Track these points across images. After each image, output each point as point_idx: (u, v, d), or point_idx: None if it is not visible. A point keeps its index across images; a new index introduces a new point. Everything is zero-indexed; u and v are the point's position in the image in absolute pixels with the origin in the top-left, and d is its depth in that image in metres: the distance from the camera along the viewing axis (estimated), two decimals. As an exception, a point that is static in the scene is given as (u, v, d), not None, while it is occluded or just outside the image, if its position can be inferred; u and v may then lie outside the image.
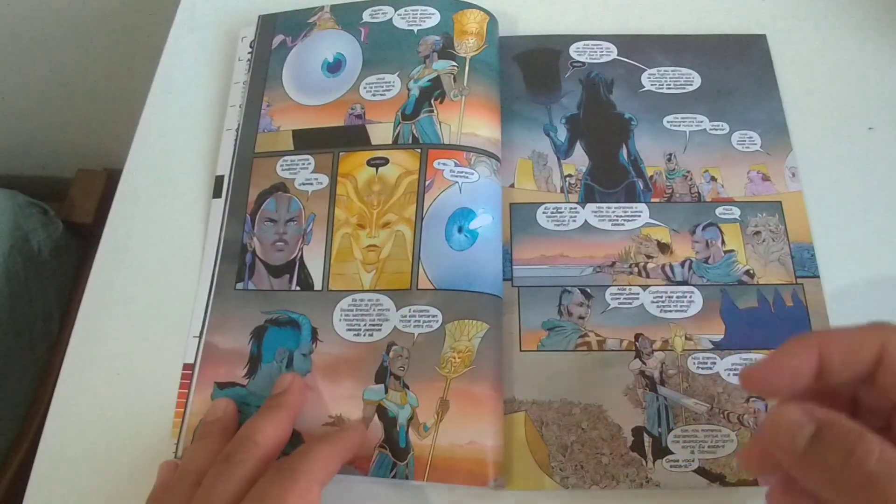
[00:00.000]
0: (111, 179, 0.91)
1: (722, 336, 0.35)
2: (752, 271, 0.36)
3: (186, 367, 0.35)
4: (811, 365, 0.23)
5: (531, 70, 0.43)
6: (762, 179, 0.39)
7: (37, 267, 0.76)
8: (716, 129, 0.40)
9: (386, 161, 0.38)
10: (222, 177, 0.39)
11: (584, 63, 0.43)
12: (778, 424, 0.22)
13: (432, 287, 0.35)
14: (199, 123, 0.42)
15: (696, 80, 0.42)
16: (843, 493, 0.21)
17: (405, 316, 0.34)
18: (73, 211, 0.88)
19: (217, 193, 0.39)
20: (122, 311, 0.37)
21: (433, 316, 0.34)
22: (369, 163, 0.38)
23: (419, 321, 0.34)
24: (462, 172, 0.37)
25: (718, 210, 0.38)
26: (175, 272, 0.38)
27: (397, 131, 0.39)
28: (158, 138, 0.42)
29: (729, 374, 0.34)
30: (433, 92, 0.39)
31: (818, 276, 0.36)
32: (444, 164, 0.37)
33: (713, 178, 0.39)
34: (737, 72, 0.42)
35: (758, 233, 0.37)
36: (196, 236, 0.39)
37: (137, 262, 0.38)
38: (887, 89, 0.42)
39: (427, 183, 0.37)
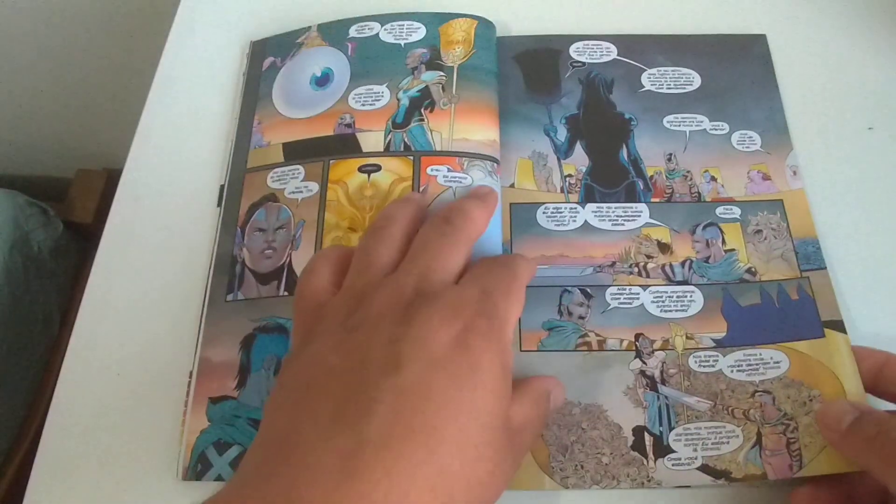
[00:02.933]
0: (111, 179, 0.91)
1: (724, 334, 0.35)
2: (753, 269, 0.36)
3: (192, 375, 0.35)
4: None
5: (531, 70, 0.43)
6: (762, 179, 0.39)
7: (37, 267, 0.76)
8: (716, 129, 0.40)
9: (378, 168, 0.38)
10: (223, 186, 0.40)
11: (584, 63, 0.43)
12: (828, 410, 0.31)
13: None
14: (200, 123, 0.42)
15: (696, 80, 0.42)
16: (876, 455, 0.28)
17: None
18: (73, 211, 0.88)
19: (220, 202, 0.39)
20: (122, 312, 0.37)
21: None
22: (361, 169, 0.38)
23: None
24: (455, 178, 0.37)
25: (719, 210, 0.38)
26: (176, 272, 0.38)
27: (388, 139, 0.39)
28: (158, 138, 0.42)
29: (732, 371, 0.34)
30: (423, 101, 0.40)
31: (824, 268, 0.36)
32: (437, 170, 0.37)
33: (713, 178, 0.39)
34: (737, 72, 0.42)
35: (759, 231, 0.37)
36: (196, 236, 0.39)
37: (137, 263, 0.38)
38: (887, 89, 0.42)
39: (421, 189, 0.37)
